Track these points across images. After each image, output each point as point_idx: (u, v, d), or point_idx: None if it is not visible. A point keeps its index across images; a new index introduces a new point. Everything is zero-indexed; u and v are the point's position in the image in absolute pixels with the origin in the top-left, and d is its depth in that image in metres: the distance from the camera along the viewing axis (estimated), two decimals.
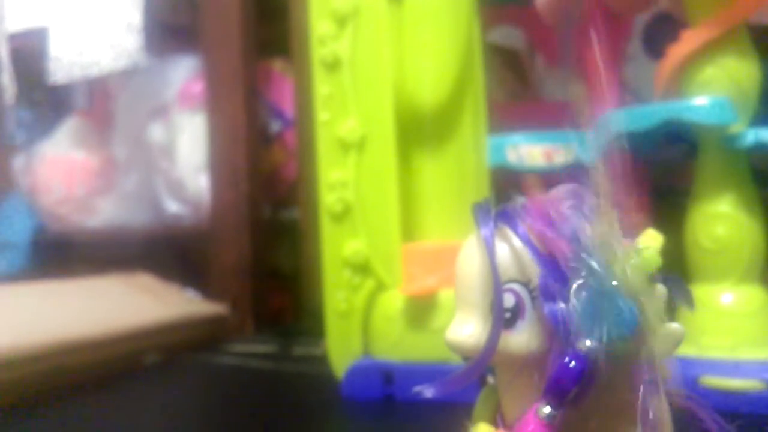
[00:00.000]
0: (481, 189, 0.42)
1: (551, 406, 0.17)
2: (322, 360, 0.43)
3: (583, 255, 0.17)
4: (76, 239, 0.84)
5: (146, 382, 0.50)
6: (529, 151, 0.43)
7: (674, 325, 0.18)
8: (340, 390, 0.41)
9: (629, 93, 0.52)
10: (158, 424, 0.39)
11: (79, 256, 0.83)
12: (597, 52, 0.23)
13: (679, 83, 0.40)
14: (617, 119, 0.41)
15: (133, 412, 0.42)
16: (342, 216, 0.41)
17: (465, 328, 0.18)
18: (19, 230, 0.89)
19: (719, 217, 0.39)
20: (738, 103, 0.37)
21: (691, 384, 0.34)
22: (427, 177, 0.42)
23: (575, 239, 0.18)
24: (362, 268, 0.41)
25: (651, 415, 0.18)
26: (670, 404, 0.20)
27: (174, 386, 0.49)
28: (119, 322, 0.54)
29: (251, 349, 0.59)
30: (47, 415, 0.41)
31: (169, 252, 0.78)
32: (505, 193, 0.20)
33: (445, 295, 0.40)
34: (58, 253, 0.85)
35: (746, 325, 0.37)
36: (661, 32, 0.52)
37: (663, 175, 0.51)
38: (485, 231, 0.18)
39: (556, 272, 0.17)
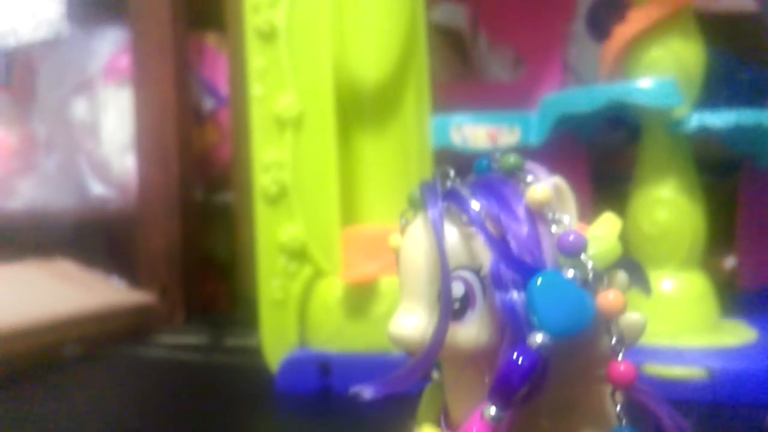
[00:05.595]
0: (424, 171, 0.41)
1: (497, 407, 0.15)
2: (256, 352, 0.40)
3: (540, 242, 0.16)
4: None
5: (67, 376, 0.46)
6: (473, 132, 0.42)
7: (635, 316, 0.17)
8: (275, 383, 0.39)
9: (573, 75, 0.52)
10: (79, 421, 0.36)
11: None
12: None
13: (624, 65, 0.39)
14: (560, 101, 0.41)
15: (51, 408, 0.38)
16: (277, 198, 0.39)
17: (410, 321, 0.16)
18: None
19: (661, 202, 0.39)
20: (683, 86, 0.37)
21: None
22: (368, 158, 0.40)
23: (531, 223, 0.16)
24: (299, 254, 0.39)
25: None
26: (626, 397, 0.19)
27: (97, 380, 0.46)
28: (36, 312, 0.50)
29: (181, 340, 0.56)
30: None
31: (93, 237, 0.74)
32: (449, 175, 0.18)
33: (387, 283, 0.38)
34: None
35: (687, 312, 0.37)
36: (606, 13, 0.51)
37: (604, 160, 0.51)
38: (433, 212, 0.16)
39: (509, 258, 0.16)
